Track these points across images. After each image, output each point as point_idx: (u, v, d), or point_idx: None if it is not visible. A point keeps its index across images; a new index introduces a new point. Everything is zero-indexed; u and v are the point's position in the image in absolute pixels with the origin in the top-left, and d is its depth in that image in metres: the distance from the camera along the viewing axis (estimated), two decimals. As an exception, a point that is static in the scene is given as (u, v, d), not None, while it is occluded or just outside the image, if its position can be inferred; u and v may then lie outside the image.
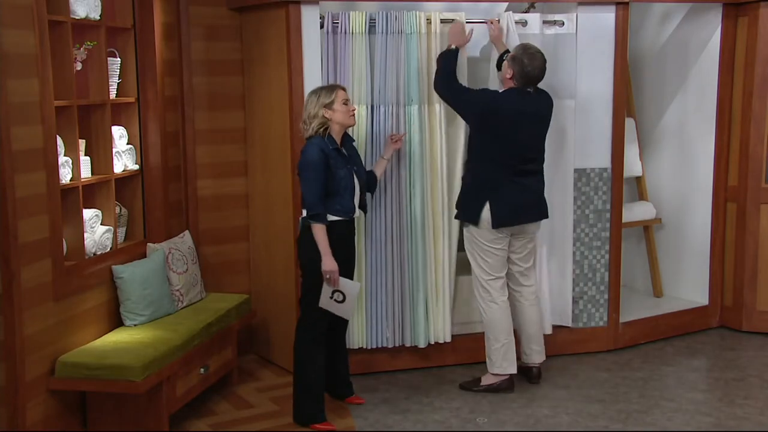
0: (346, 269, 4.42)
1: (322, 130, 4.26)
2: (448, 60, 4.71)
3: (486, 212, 4.63)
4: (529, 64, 4.57)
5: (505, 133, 4.59)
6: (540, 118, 4.71)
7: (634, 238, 6.36)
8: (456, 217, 4.85)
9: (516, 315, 4.92)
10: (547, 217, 4.85)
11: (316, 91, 4.33)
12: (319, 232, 4.20)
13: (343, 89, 4.34)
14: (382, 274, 4.95)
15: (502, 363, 4.79)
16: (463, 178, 4.90)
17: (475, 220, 4.67)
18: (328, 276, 4.20)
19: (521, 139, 4.63)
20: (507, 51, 4.86)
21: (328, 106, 4.25)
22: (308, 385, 4.35)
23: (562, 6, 5.24)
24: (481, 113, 4.61)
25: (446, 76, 4.68)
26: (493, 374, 4.82)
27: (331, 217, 4.25)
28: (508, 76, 4.64)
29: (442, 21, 4.90)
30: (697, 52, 5.88)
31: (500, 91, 4.74)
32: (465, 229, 4.80)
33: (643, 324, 5.68)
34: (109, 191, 4.61)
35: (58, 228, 4.04)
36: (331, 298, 4.26)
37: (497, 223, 4.63)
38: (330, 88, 4.32)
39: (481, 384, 4.85)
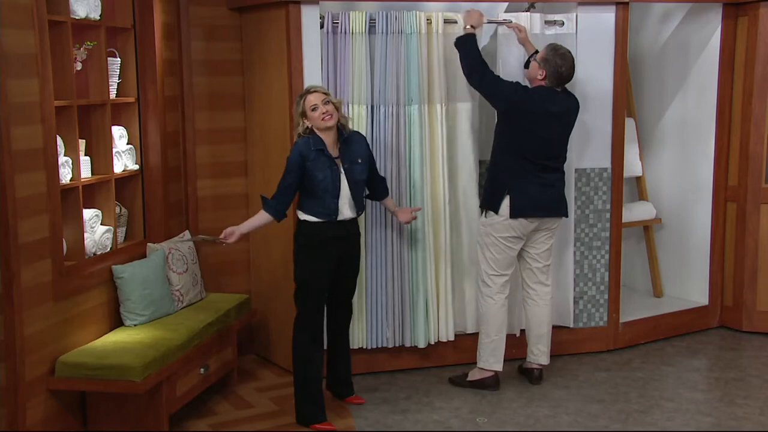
0: (343, 273, 4.43)
1: (307, 131, 4.28)
2: (471, 47, 4.71)
3: (506, 202, 4.66)
4: (562, 65, 4.62)
5: (531, 128, 4.62)
6: (566, 119, 4.75)
7: (634, 238, 6.35)
8: (480, 206, 4.88)
9: (528, 315, 4.93)
10: (566, 215, 4.88)
11: (296, 99, 4.34)
12: (258, 215, 4.33)
13: (315, 92, 4.26)
14: (382, 274, 4.95)
15: (488, 359, 4.81)
16: (488, 169, 4.90)
17: (495, 208, 4.69)
18: (222, 234, 4.33)
19: (546, 137, 4.66)
20: (536, 51, 4.88)
21: (303, 114, 4.27)
22: (307, 385, 4.35)
23: (562, 6, 5.23)
24: (510, 107, 4.65)
25: (479, 68, 4.68)
26: (479, 369, 4.84)
27: (311, 218, 4.28)
28: (540, 77, 4.66)
29: (446, 21, 4.90)
30: (697, 52, 5.88)
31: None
32: (481, 222, 4.83)
33: (643, 324, 5.68)
34: (109, 191, 4.61)
35: (58, 228, 4.04)
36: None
37: (515, 213, 4.65)
38: (300, 96, 4.31)
39: (468, 379, 4.87)
